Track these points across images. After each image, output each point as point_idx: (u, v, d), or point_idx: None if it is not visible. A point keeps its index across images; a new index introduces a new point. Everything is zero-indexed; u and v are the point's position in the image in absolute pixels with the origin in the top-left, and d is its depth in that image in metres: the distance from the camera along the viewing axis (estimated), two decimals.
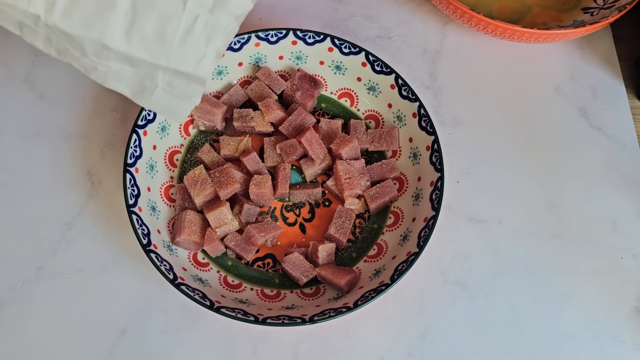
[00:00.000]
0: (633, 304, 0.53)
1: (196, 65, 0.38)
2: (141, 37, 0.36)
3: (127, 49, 0.36)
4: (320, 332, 0.51)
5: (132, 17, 0.35)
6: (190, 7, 0.36)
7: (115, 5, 0.34)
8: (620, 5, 0.60)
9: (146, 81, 0.39)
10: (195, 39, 0.37)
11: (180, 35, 0.36)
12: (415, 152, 0.56)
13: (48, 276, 0.53)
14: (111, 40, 0.35)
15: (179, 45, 0.37)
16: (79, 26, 0.34)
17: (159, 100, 0.41)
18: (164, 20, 0.36)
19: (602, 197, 0.58)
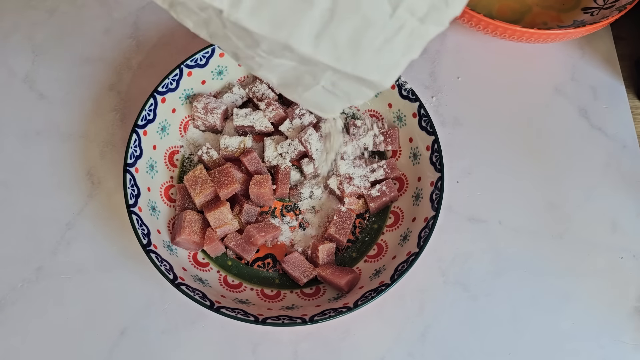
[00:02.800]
0: (633, 304, 0.53)
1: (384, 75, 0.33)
2: (332, 43, 0.31)
3: (312, 53, 0.31)
4: (320, 332, 0.51)
5: (329, 19, 0.30)
6: (399, 14, 0.31)
7: (312, 5, 0.30)
8: (620, 5, 0.60)
9: (305, 77, 0.34)
10: (393, 49, 0.32)
11: (378, 44, 0.31)
12: (416, 152, 0.56)
13: (48, 276, 0.53)
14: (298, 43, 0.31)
15: (373, 54, 0.32)
16: (265, 25, 0.31)
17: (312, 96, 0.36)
18: (365, 25, 0.31)
19: (602, 197, 0.58)
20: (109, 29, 0.65)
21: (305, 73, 0.34)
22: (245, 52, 0.34)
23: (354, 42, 0.31)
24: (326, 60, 0.32)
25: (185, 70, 0.56)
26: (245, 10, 0.30)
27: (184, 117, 0.58)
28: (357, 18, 0.31)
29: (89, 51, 0.63)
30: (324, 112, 0.38)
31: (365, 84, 0.34)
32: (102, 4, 0.66)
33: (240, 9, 0.30)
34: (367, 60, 0.32)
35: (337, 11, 0.30)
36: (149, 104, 0.54)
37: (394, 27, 0.31)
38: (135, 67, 0.63)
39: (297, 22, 0.30)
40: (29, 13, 0.66)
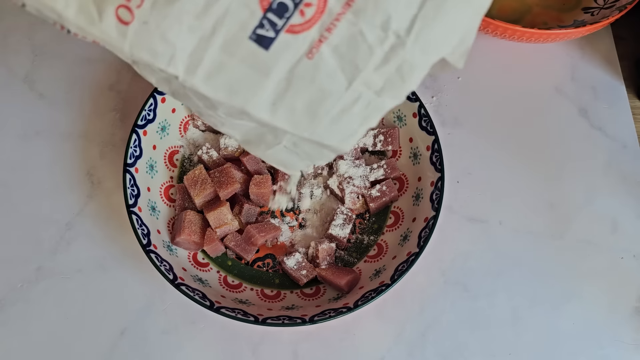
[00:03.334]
0: (634, 304, 0.53)
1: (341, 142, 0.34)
2: (289, 110, 0.32)
3: (269, 119, 0.32)
4: (320, 333, 0.51)
5: (285, 88, 0.31)
6: (355, 87, 0.31)
7: (268, 74, 0.31)
8: (620, 5, 0.60)
9: (267, 136, 0.35)
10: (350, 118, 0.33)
11: (335, 114, 0.32)
12: (416, 152, 0.56)
13: (48, 276, 0.53)
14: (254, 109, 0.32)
15: (330, 122, 0.32)
16: (221, 92, 0.31)
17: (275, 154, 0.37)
18: (321, 96, 0.32)
19: (602, 197, 0.58)
20: None
21: (267, 133, 0.34)
22: (207, 111, 0.34)
23: (311, 110, 0.32)
24: (283, 126, 0.32)
25: None
26: (200, 77, 0.31)
27: (183, 117, 0.57)
28: (313, 89, 0.31)
29: (89, 51, 0.63)
30: (287, 169, 0.39)
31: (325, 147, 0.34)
32: None
33: (196, 75, 0.31)
34: (324, 128, 0.33)
35: (293, 82, 0.31)
36: (149, 103, 0.54)
37: (350, 99, 0.32)
38: None
39: (253, 90, 0.31)
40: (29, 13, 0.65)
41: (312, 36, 0.30)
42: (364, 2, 0.30)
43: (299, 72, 0.31)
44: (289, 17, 0.30)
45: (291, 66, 0.31)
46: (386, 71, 0.32)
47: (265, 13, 0.30)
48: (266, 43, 0.30)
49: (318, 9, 0.30)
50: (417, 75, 0.33)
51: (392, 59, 0.31)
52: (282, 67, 0.31)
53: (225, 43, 0.30)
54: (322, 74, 0.31)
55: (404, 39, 0.31)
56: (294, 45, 0.30)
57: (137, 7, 0.29)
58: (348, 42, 0.31)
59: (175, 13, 0.29)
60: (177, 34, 0.30)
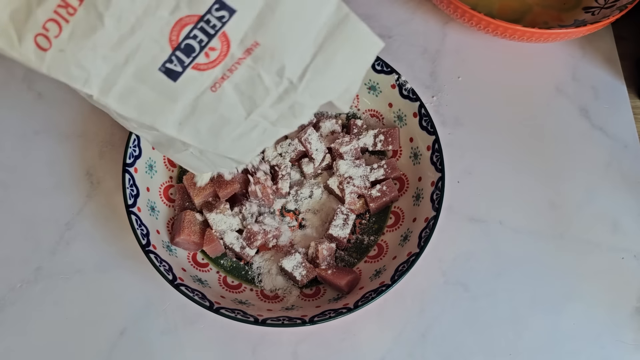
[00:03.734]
0: (634, 304, 0.53)
1: (242, 156, 0.39)
2: (194, 129, 0.36)
3: (176, 135, 0.36)
4: (320, 333, 0.51)
5: (190, 112, 0.36)
6: (253, 118, 0.36)
7: (176, 100, 0.35)
8: (621, 4, 0.60)
9: (176, 143, 0.39)
10: (249, 140, 0.38)
11: (235, 136, 0.37)
12: (416, 152, 0.56)
13: (47, 276, 0.53)
14: (162, 127, 0.36)
15: (231, 142, 0.38)
16: (132, 111, 0.35)
17: (183, 158, 0.41)
18: (222, 122, 0.36)
19: (603, 197, 0.57)
20: None
21: (176, 140, 0.38)
22: (119, 119, 0.38)
23: (214, 132, 0.37)
24: (189, 141, 0.37)
25: None
26: (114, 97, 0.35)
27: None
28: (216, 116, 0.36)
29: None
30: (195, 171, 0.44)
31: (228, 158, 0.39)
32: None
33: (109, 96, 0.34)
34: (226, 146, 0.38)
35: (197, 108, 0.36)
36: None
37: (248, 126, 0.37)
38: None
39: (162, 112, 0.35)
40: None
41: (216, 74, 0.35)
42: (262, 51, 0.35)
43: (204, 101, 0.35)
44: (195, 57, 0.34)
45: (196, 96, 0.35)
46: (280, 108, 0.37)
47: (174, 51, 0.34)
48: (174, 76, 0.34)
49: (221, 52, 0.34)
50: (307, 112, 0.37)
51: (285, 99, 0.36)
52: (188, 96, 0.35)
53: (138, 72, 0.34)
54: (224, 105, 0.36)
55: (296, 85, 0.36)
56: (199, 79, 0.35)
57: (55, 36, 0.33)
58: (247, 82, 0.35)
59: (90, 45, 0.33)
60: (92, 62, 0.33)
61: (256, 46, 0.34)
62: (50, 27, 0.32)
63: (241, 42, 0.34)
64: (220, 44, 0.34)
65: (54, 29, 0.32)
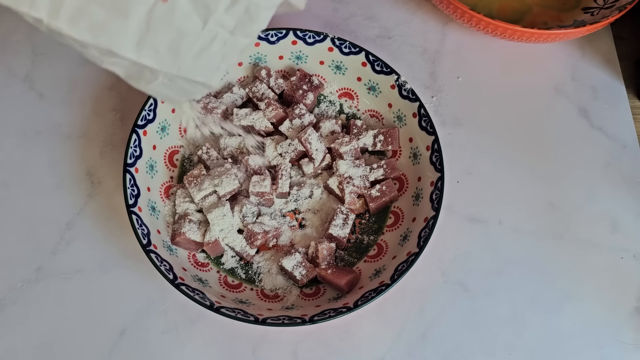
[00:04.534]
0: (634, 304, 0.53)
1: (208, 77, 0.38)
2: (153, 49, 0.35)
3: (136, 58, 0.35)
4: (320, 333, 0.51)
5: (145, 29, 0.34)
6: (210, 28, 0.35)
7: (127, 16, 0.33)
8: (620, 5, 0.60)
9: (145, 72, 0.37)
10: (210, 55, 0.36)
11: (196, 52, 0.36)
12: (416, 152, 0.56)
13: (48, 276, 0.53)
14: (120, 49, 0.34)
15: (193, 59, 0.36)
16: (85, 33, 0.33)
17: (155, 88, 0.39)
18: (180, 36, 0.35)
19: (602, 197, 0.58)
20: None
21: (144, 69, 0.36)
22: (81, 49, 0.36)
23: (173, 49, 0.35)
24: (150, 64, 0.35)
25: None
26: (64, 20, 0.33)
27: None
28: (172, 30, 0.34)
29: None
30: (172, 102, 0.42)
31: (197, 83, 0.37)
32: None
33: (59, 18, 0.33)
34: (188, 65, 0.36)
35: (152, 23, 0.34)
36: (149, 103, 0.54)
37: (207, 38, 0.35)
38: None
39: (115, 31, 0.33)
40: None
41: None
42: None
43: (157, 14, 0.34)
44: None
45: (149, 9, 0.33)
46: (236, 12, 0.35)
47: None
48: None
49: None
50: (263, 15, 0.36)
51: (239, 1, 0.35)
52: (140, 10, 0.33)
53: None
54: (178, 16, 0.34)
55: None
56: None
57: None
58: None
59: None
60: None
61: None
62: None
63: None
64: None
65: None
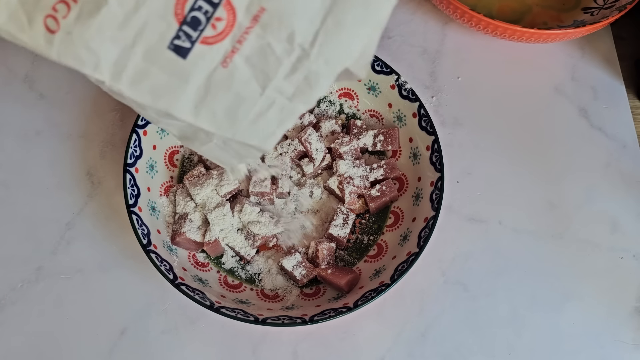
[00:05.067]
0: (633, 304, 0.53)
1: (263, 142, 0.37)
2: (210, 113, 0.35)
3: (193, 121, 0.35)
4: (320, 332, 0.51)
5: (204, 93, 0.34)
6: (268, 94, 0.35)
7: (188, 80, 0.34)
8: (620, 5, 0.60)
9: (200, 134, 0.37)
10: (267, 121, 0.36)
11: (253, 117, 0.35)
12: (416, 152, 0.56)
13: (48, 276, 0.53)
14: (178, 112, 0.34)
15: (249, 124, 0.35)
16: (146, 96, 0.34)
17: (209, 150, 0.39)
18: (238, 101, 0.35)
19: (602, 197, 0.58)
20: None
21: (199, 131, 0.37)
22: (140, 110, 0.37)
23: (230, 113, 0.35)
24: (207, 127, 0.35)
25: None
26: (125, 82, 0.33)
27: None
28: (230, 94, 0.34)
29: None
30: (223, 164, 0.42)
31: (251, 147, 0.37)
32: None
33: (121, 81, 0.33)
34: (245, 129, 0.36)
35: (211, 88, 0.34)
36: None
37: (265, 104, 0.35)
38: None
39: (175, 94, 0.34)
40: None
41: (226, 47, 0.33)
42: (269, 18, 0.33)
43: (216, 79, 0.34)
44: (202, 30, 0.33)
45: (208, 74, 0.34)
46: (295, 79, 0.35)
47: (181, 26, 0.33)
48: (183, 53, 0.33)
49: (228, 23, 0.33)
50: (323, 83, 0.35)
51: (299, 69, 0.34)
52: (200, 75, 0.34)
53: (147, 52, 0.33)
54: (237, 81, 0.34)
55: (308, 52, 0.34)
56: (209, 55, 0.33)
57: (63, 17, 0.32)
58: (258, 53, 0.34)
59: (96, 25, 0.32)
60: (100, 44, 0.32)
61: (263, 12, 0.33)
62: (60, 8, 0.31)
63: (247, 9, 0.33)
64: (226, 13, 0.33)
65: (63, 10, 0.31)
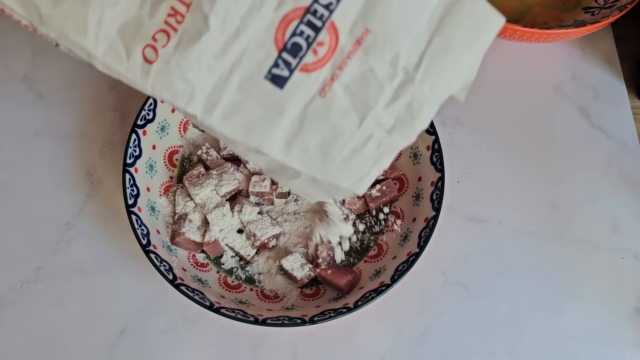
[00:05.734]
0: (634, 304, 0.53)
1: (355, 184, 0.34)
2: (303, 150, 0.33)
3: (283, 159, 0.33)
4: (320, 333, 0.51)
5: (298, 127, 0.32)
6: (366, 125, 0.33)
7: (283, 113, 0.32)
8: (621, 4, 0.60)
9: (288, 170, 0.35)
10: (362, 159, 0.33)
11: (347, 153, 0.33)
12: (416, 152, 0.56)
13: (47, 276, 0.53)
14: (269, 149, 0.33)
15: (342, 162, 0.33)
16: (237, 132, 0.32)
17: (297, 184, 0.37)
18: (333, 135, 0.33)
19: (603, 197, 0.57)
20: None
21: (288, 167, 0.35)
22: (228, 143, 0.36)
23: (324, 150, 0.33)
24: (297, 166, 0.33)
25: None
26: (217, 117, 0.32)
27: (183, 116, 0.57)
28: (326, 127, 0.32)
29: None
30: (310, 199, 0.39)
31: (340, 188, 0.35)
32: None
33: (213, 115, 0.32)
34: (337, 169, 0.33)
35: (307, 120, 0.32)
36: (149, 103, 0.54)
37: (362, 137, 0.33)
38: None
39: (268, 129, 0.32)
40: None
41: (325, 74, 0.32)
42: (373, 40, 0.31)
43: (312, 110, 0.32)
44: (303, 57, 0.31)
45: (305, 105, 0.32)
46: (396, 108, 0.33)
47: (280, 53, 0.31)
48: (281, 82, 0.31)
49: (330, 47, 0.31)
50: (426, 112, 0.33)
51: (401, 96, 0.32)
52: (296, 106, 0.32)
53: (243, 83, 0.31)
54: (335, 112, 0.32)
55: (412, 75, 0.32)
56: (307, 83, 0.32)
57: (162, 47, 0.31)
58: (359, 79, 0.32)
59: (195, 53, 0.31)
60: (197, 74, 0.31)
61: (367, 34, 0.31)
62: (159, 38, 0.31)
63: (350, 31, 0.31)
64: (329, 36, 0.31)
65: (162, 39, 0.31)
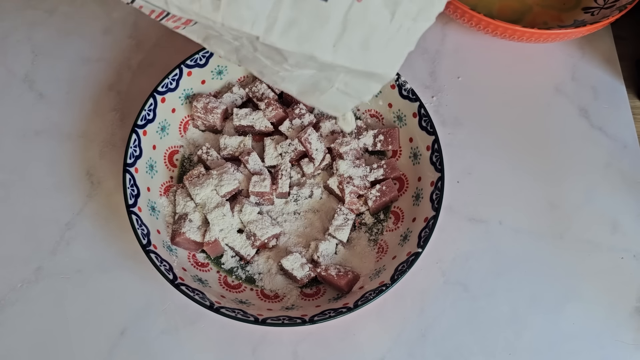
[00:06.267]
0: (634, 304, 0.53)
1: (390, 68, 0.40)
2: (347, 48, 0.38)
3: (332, 59, 0.38)
4: (320, 333, 0.51)
5: (342, 30, 0.37)
6: (397, 18, 0.38)
7: (328, 21, 0.37)
8: (620, 5, 0.60)
9: (322, 82, 0.41)
10: (395, 45, 0.39)
11: (384, 43, 0.38)
12: (416, 152, 0.56)
13: (47, 276, 0.53)
14: (320, 53, 0.37)
15: (380, 52, 0.39)
16: (293, 43, 0.37)
17: (328, 98, 0.43)
18: (372, 31, 0.38)
19: (602, 197, 0.57)
20: (108, 28, 0.65)
21: (322, 79, 0.41)
22: (272, 68, 0.40)
23: (364, 45, 0.38)
24: (343, 63, 0.38)
25: (185, 70, 0.56)
26: (277, 33, 0.36)
27: (183, 117, 0.57)
28: (365, 26, 0.38)
29: (89, 51, 0.63)
30: (337, 111, 0.45)
31: (373, 79, 0.40)
32: (102, 4, 0.66)
33: (273, 32, 0.36)
34: (376, 58, 0.39)
35: (348, 23, 0.37)
36: (149, 103, 0.54)
37: (394, 29, 0.38)
38: (134, 67, 0.63)
39: (318, 36, 0.37)
40: (29, 13, 0.66)
41: None
42: None
43: (352, 15, 0.37)
44: None
45: (345, 11, 0.37)
46: None
47: None
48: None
49: None
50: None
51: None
52: (338, 13, 0.37)
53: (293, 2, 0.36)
54: (371, 12, 0.37)
55: None
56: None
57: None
58: None
59: None
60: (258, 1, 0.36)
61: None
62: None
63: None
64: None
65: None
